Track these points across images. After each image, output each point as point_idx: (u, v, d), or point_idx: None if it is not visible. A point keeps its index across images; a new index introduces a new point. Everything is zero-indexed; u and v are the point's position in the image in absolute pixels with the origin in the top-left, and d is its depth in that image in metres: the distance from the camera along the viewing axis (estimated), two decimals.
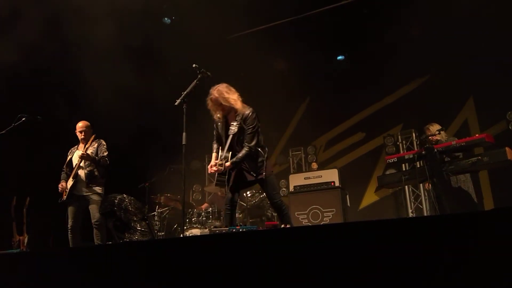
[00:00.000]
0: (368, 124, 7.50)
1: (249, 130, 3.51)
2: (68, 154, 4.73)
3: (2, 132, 4.40)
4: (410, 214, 6.63)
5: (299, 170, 7.48)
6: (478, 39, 5.94)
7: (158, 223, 5.77)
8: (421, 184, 6.16)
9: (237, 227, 2.92)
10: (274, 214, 5.57)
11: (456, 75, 6.33)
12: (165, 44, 6.30)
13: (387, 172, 6.44)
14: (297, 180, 6.14)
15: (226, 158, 3.48)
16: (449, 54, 6.27)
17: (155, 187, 6.15)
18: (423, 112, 6.31)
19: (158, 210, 5.90)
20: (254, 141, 3.51)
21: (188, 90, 3.61)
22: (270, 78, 7.32)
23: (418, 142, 6.77)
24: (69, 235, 4.42)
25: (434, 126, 4.76)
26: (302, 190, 5.96)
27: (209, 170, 3.61)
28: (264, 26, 6.98)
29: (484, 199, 5.92)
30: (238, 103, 3.56)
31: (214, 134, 3.77)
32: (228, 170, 3.50)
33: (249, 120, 3.52)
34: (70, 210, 4.47)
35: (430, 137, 4.63)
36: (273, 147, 7.92)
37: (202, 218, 5.52)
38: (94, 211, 4.41)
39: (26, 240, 5.39)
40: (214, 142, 3.78)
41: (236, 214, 3.79)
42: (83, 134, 4.66)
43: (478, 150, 4.43)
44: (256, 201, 5.59)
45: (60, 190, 4.50)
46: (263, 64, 7.08)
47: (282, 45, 6.86)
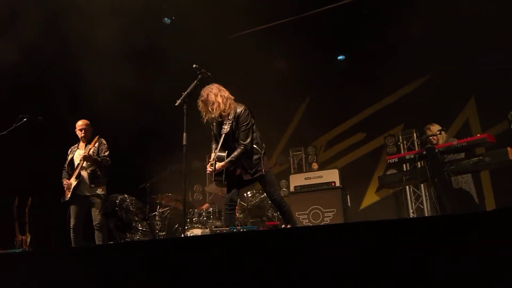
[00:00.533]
0: (368, 124, 7.49)
1: (242, 127, 3.50)
2: (68, 153, 4.73)
3: (3, 132, 4.42)
4: (411, 215, 6.62)
5: (300, 170, 7.47)
6: (479, 39, 5.93)
7: (159, 223, 5.77)
8: (422, 184, 6.15)
9: (237, 227, 2.92)
10: (275, 214, 5.57)
11: (457, 75, 6.32)
12: (165, 44, 6.31)
13: (388, 172, 6.43)
14: (297, 180, 6.14)
15: (219, 157, 3.48)
16: (450, 53, 6.26)
17: (156, 187, 6.15)
18: (424, 112, 6.29)
19: (159, 210, 5.90)
20: (249, 138, 3.51)
21: (188, 90, 3.61)
22: (270, 78, 7.32)
23: (419, 142, 6.76)
24: (71, 234, 4.43)
25: (435, 126, 4.75)
26: (302, 190, 5.96)
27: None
28: (264, 26, 6.98)
29: (485, 200, 5.91)
30: (228, 102, 3.56)
31: (212, 134, 3.78)
32: (225, 169, 3.50)
33: (242, 117, 3.52)
34: (72, 209, 4.48)
35: (431, 137, 4.62)
36: (273, 147, 7.92)
37: (203, 218, 5.52)
38: (96, 214, 4.43)
39: (28, 239, 5.41)
40: (212, 143, 3.79)
41: (236, 214, 3.80)
42: (83, 132, 4.66)
43: (480, 150, 4.41)
44: (256, 201, 5.59)
45: (65, 187, 4.49)
46: (263, 64, 7.09)
47: (282, 45, 6.87)
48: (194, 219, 5.52)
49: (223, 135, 3.56)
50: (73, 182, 4.45)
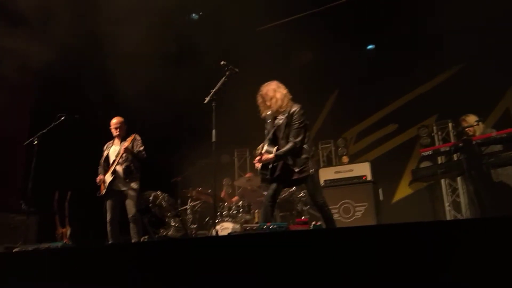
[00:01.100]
0: (400, 115, 7.27)
1: (295, 125, 3.50)
2: (104, 149, 4.91)
3: (44, 130, 4.67)
4: (447, 208, 6.41)
5: (329, 164, 7.38)
6: None
7: (190, 216, 5.92)
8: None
9: (267, 224, 2.93)
10: (304, 208, 5.54)
11: (495, 62, 5.99)
12: (194, 40, 6.37)
13: (422, 164, 6.23)
14: (327, 174, 6.05)
15: (267, 151, 3.51)
16: (487, 41, 5.93)
17: (187, 181, 6.29)
18: (460, 101, 6.01)
19: (190, 203, 6.06)
20: (300, 137, 3.49)
21: (217, 87, 3.62)
22: (297, 70, 7.24)
23: (454, 133, 6.49)
24: (108, 228, 4.61)
25: (471, 117, 4.55)
26: (332, 184, 5.88)
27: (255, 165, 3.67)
28: (291, 17, 6.89)
29: None
30: (286, 99, 3.60)
31: (265, 133, 3.78)
32: (271, 165, 3.50)
33: (296, 115, 3.53)
34: (109, 204, 4.65)
35: (467, 128, 4.43)
36: None
37: (233, 211, 5.60)
38: (130, 206, 4.57)
39: (68, 232, 5.68)
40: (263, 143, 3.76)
41: (274, 211, 3.75)
42: (118, 130, 4.83)
43: None
44: (285, 195, 5.57)
45: (98, 182, 4.69)
46: (291, 56, 7.01)
47: (310, 36, 6.74)
48: (224, 213, 5.62)
49: (275, 128, 3.59)
50: (108, 178, 4.63)
